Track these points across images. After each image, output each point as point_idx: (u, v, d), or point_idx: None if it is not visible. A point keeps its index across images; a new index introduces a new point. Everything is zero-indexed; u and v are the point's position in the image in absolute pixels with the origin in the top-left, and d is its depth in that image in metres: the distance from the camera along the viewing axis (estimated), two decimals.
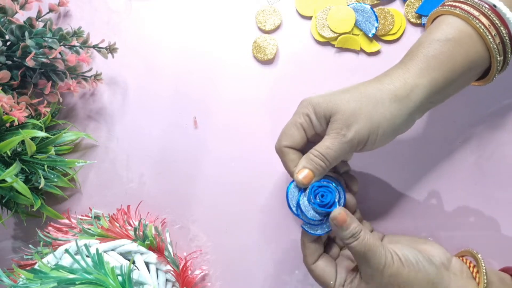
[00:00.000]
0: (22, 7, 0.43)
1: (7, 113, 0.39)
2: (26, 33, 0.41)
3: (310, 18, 0.47)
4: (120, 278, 0.37)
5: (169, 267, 0.42)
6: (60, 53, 0.42)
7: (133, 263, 0.40)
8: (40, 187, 0.41)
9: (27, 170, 0.42)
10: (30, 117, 0.43)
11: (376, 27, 0.45)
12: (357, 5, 0.46)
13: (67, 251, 0.39)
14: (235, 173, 0.47)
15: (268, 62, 0.48)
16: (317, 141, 0.38)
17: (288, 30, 0.48)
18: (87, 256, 0.39)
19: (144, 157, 0.48)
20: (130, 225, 0.45)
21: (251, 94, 0.47)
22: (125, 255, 0.41)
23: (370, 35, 0.45)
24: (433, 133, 0.45)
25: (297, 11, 0.48)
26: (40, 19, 0.45)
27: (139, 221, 0.43)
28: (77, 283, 0.36)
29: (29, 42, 0.41)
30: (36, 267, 0.38)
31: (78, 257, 0.39)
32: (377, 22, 0.45)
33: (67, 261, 0.40)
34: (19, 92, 0.43)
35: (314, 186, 0.36)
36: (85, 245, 0.39)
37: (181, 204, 0.47)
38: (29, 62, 0.40)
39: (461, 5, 0.35)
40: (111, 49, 0.45)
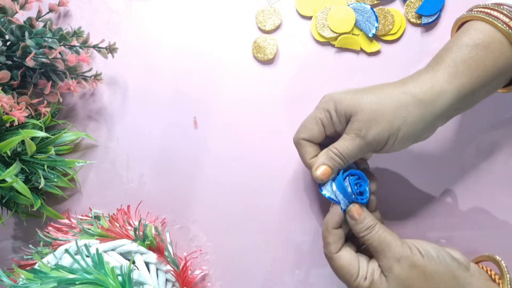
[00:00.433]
0: (22, 7, 0.43)
1: (7, 113, 0.39)
2: (26, 33, 0.41)
3: (310, 18, 0.47)
4: (120, 278, 0.37)
5: (169, 267, 0.42)
6: (60, 53, 0.42)
7: (133, 263, 0.40)
8: (40, 187, 0.41)
9: (27, 170, 0.42)
10: (30, 117, 0.43)
11: (376, 27, 0.45)
12: (357, 5, 0.46)
13: (67, 251, 0.39)
14: (235, 173, 0.47)
15: (268, 62, 0.48)
16: (335, 136, 0.38)
17: (288, 30, 0.48)
18: (87, 256, 0.39)
19: (144, 157, 0.48)
20: (130, 225, 0.45)
21: (251, 94, 0.47)
22: (125, 255, 0.41)
23: (370, 35, 0.46)
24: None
25: (297, 11, 0.48)
26: (40, 19, 0.45)
27: (139, 221, 0.43)
28: (77, 283, 0.36)
29: (29, 42, 0.41)
30: (36, 267, 0.38)
31: (78, 257, 0.39)
32: (377, 22, 0.45)
33: (67, 261, 0.40)
34: (19, 92, 0.43)
35: (353, 172, 0.37)
36: (85, 245, 0.39)
37: (181, 204, 0.47)
38: (29, 62, 0.40)
39: (490, 11, 0.34)
40: (111, 49, 0.45)
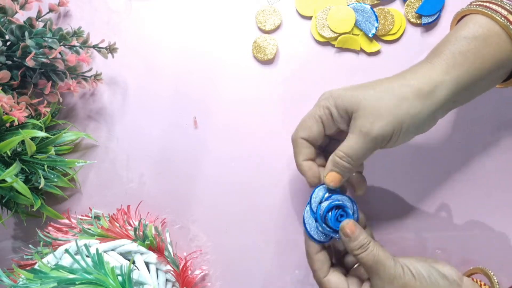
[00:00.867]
0: (22, 7, 0.43)
1: (7, 113, 0.39)
2: (26, 33, 0.41)
3: (310, 18, 0.47)
4: (120, 278, 0.37)
5: (169, 267, 0.42)
6: (60, 53, 0.42)
7: (133, 263, 0.40)
8: (40, 187, 0.41)
9: (27, 170, 0.42)
10: (30, 117, 0.43)
11: (376, 27, 0.45)
12: (357, 5, 0.46)
13: (67, 251, 0.39)
14: (235, 173, 0.47)
15: (268, 62, 0.48)
16: (335, 137, 0.37)
17: (288, 30, 0.48)
18: (87, 256, 0.39)
19: (144, 157, 0.48)
20: (130, 225, 0.45)
21: (251, 94, 0.47)
22: (125, 255, 0.41)
23: (370, 35, 0.46)
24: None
25: (297, 11, 0.48)
26: (40, 19, 0.45)
27: (139, 221, 0.43)
28: (77, 283, 0.36)
29: (29, 42, 0.41)
30: (36, 267, 0.38)
31: (78, 257, 0.39)
32: (377, 22, 0.45)
33: (67, 261, 0.40)
34: (19, 92, 0.43)
35: (332, 204, 0.37)
36: (85, 245, 0.39)
37: (181, 204, 0.47)
38: (29, 62, 0.40)
39: (489, 4, 0.34)
40: (111, 49, 0.45)
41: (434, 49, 0.36)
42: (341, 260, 0.40)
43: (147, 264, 0.41)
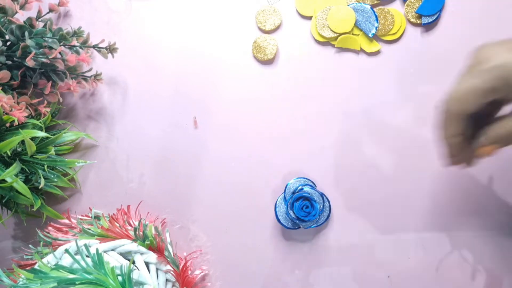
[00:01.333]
0: (22, 7, 0.43)
1: (7, 113, 0.39)
2: (26, 33, 0.41)
3: (310, 18, 0.47)
4: (120, 278, 0.37)
5: (169, 267, 0.42)
6: (60, 53, 0.42)
7: (133, 263, 0.40)
8: (40, 187, 0.41)
9: (27, 170, 0.42)
10: (30, 117, 0.43)
11: (376, 27, 0.45)
12: (357, 5, 0.46)
13: (67, 251, 0.39)
14: (235, 173, 0.47)
15: (268, 62, 0.48)
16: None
17: (288, 30, 0.48)
18: (87, 256, 0.39)
19: (144, 157, 0.48)
20: (130, 225, 0.45)
21: (251, 94, 0.47)
22: (125, 255, 0.41)
23: (370, 35, 0.46)
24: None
25: (297, 11, 0.48)
26: (40, 19, 0.45)
27: (139, 221, 0.43)
28: (77, 283, 0.36)
29: (29, 42, 0.41)
30: (36, 267, 0.38)
31: (78, 257, 0.38)
32: (377, 22, 0.45)
33: (67, 261, 0.40)
34: (19, 92, 0.43)
35: (295, 197, 0.43)
36: (85, 245, 0.39)
37: (181, 204, 0.47)
38: (29, 62, 0.40)
39: None
40: (111, 49, 0.45)
41: None
42: None
43: (147, 264, 0.41)
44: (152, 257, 0.41)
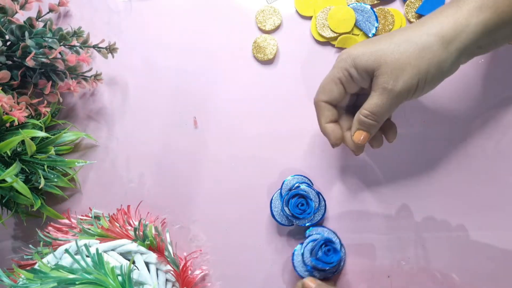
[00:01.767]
0: (22, 7, 0.43)
1: (7, 113, 0.39)
2: (26, 33, 0.41)
3: (310, 18, 0.47)
4: (120, 278, 0.37)
5: (169, 267, 0.42)
6: (60, 53, 0.42)
7: (133, 263, 0.40)
8: (40, 187, 0.41)
9: (27, 170, 0.42)
10: (30, 117, 0.43)
11: (376, 27, 0.45)
12: (357, 5, 0.46)
13: (67, 251, 0.39)
14: (235, 173, 0.47)
15: (268, 62, 0.48)
16: (359, 93, 0.37)
17: (288, 30, 0.48)
18: (87, 256, 0.39)
19: (144, 157, 0.48)
20: (130, 225, 0.45)
21: (251, 94, 0.47)
22: (125, 255, 0.41)
23: (370, 35, 0.45)
24: (433, 133, 0.45)
25: (297, 11, 0.47)
26: (40, 19, 0.45)
27: (139, 221, 0.43)
28: (77, 283, 0.36)
29: (29, 42, 0.41)
30: (36, 267, 0.38)
31: (78, 257, 0.39)
32: (377, 22, 0.45)
33: (67, 261, 0.40)
34: (19, 92, 0.43)
35: (290, 196, 0.43)
36: (85, 245, 0.39)
37: (181, 204, 0.47)
38: (29, 62, 0.40)
39: None
40: (111, 49, 0.45)
41: None
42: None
43: (147, 264, 0.41)
44: (152, 257, 0.41)
